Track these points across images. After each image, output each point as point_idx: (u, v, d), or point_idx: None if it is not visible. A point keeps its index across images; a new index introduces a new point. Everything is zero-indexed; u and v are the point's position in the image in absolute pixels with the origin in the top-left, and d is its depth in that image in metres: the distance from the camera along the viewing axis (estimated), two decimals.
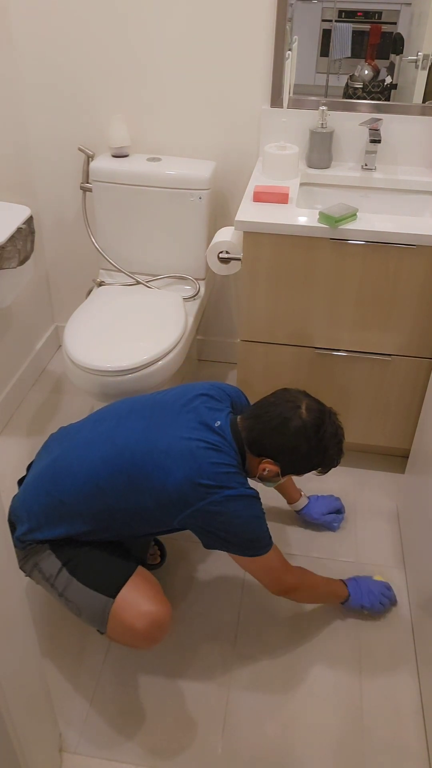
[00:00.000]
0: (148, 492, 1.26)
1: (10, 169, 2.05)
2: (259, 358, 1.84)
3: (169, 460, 1.25)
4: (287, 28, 1.81)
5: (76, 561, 1.33)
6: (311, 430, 1.29)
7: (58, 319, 2.53)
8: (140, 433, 1.31)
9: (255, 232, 1.63)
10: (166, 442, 1.28)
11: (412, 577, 1.63)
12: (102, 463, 1.30)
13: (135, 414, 1.37)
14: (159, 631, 1.28)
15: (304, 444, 1.29)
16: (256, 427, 1.31)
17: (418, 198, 1.87)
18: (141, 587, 1.30)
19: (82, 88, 1.99)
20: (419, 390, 1.82)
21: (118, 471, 1.28)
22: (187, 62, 1.90)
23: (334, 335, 1.77)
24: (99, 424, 1.39)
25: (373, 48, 1.83)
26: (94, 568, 1.33)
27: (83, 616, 1.32)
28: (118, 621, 1.27)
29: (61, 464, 1.35)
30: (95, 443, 1.34)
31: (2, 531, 0.94)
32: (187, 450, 1.26)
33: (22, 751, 1.07)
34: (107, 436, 1.34)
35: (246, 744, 1.35)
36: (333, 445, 1.33)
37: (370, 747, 1.34)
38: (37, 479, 1.38)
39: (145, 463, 1.27)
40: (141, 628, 1.26)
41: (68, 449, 1.37)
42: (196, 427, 1.29)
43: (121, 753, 1.33)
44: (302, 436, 1.28)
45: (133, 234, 2.06)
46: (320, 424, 1.30)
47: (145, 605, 1.27)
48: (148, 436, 1.30)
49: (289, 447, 1.29)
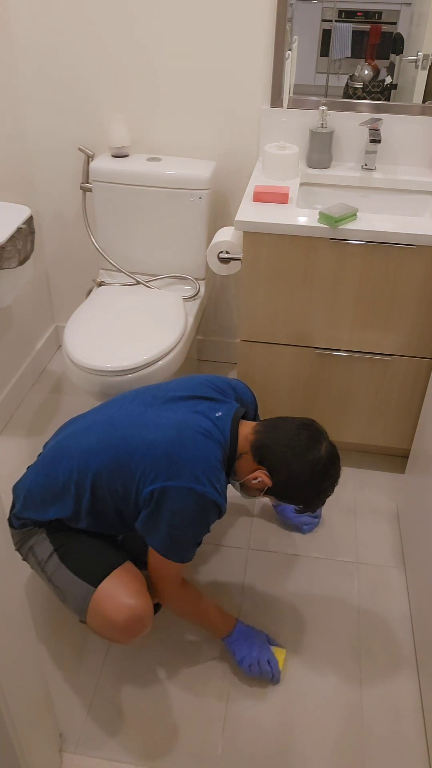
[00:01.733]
0: (130, 468, 1.27)
1: (10, 169, 2.05)
2: (259, 358, 1.84)
3: (155, 434, 1.27)
4: (287, 28, 1.81)
5: (67, 547, 1.35)
6: (320, 468, 1.30)
7: (58, 319, 2.53)
8: (137, 416, 1.34)
9: (255, 232, 1.63)
10: (158, 422, 1.30)
11: (412, 577, 1.63)
12: (97, 442, 1.33)
13: (137, 400, 1.40)
14: (138, 625, 1.27)
15: (307, 475, 1.30)
16: (270, 437, 1.31)
17: (418, 198, 1.87)
18: (124, 580, 1.30)
19: (83, 88, 1.99)
20: (419, 390, 1.82)
21: (107, 447, 1.31)
22: (188, 62, 1.90)
23: (334, 335, 1.77)
24: (103, 410, 1.43)
25: (373, 48, 1.83)
26: (82, 555, 1.34)
27: (67, 603, 1.34)
28: (97, 611, 1.27)
29: (62, 446, 1.39)
30: (96, 426, 1.37)
31: (2, 531, 0.94)
32: (176, 427, 1.27)
33: (22, 751, 1.07)
34: (108, 419, 1.37)
35: (246, 744, 1.35)
36: (325, 493, 1.35)
37: (370, 747, 1.34)
38: (41, 461, 1.42)
39: (133, 439, 1.29)
40: (119, 621, 1.25)
41: (71, 432, 1.41)
42: (194, 413, 1.31)
43: (121, 753, 1.33)
44: (310, 468, 1.29)
45: (133, 234, 2.06)
46: (330, 467, 1.32)
47: (126, 598, 1.27)
48: (143, 419, 1.32)
49: (293, 470, 1.29)
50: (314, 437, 1.31)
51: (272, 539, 1.78)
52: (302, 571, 1.70)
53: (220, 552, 1.75)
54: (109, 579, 1.29)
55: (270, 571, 1.70)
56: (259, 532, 1.81)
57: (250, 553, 1.74)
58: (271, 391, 1.89)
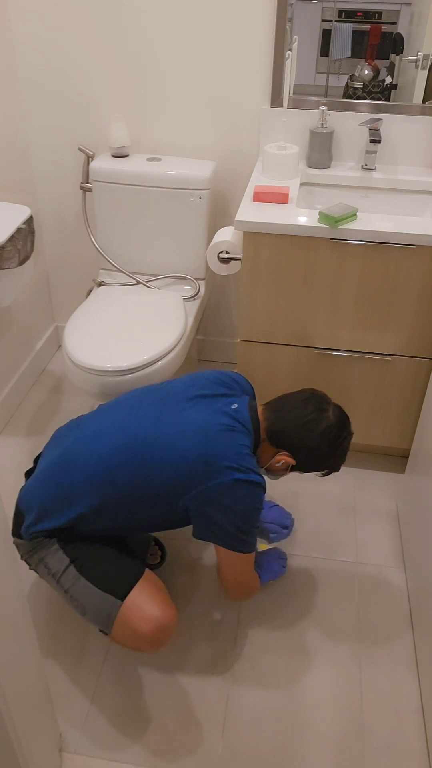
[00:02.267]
0: (159, 475, 1.27)
1: (10, 169, 2.05)
2: (259, 358, 1.84)
3: (183, 441, 1.27)
4: (287, 28, 1.81)
5: (85, 559, 1.33)
6: (334, 434, 1.35)
7: (58, 319, 2.53)
8: (153, 419, 1.33)
9: (255, 232, 1.63)
10: (181, 425, 1.30)
11: (412, 577, 1.63)
12: (115, 450, 1.31)
13: (146, 403, 1.38)
14: (164, 635, 1.29)
15: (325, 445, 1.35)
16: (280, 420, 1.35)
17: (418, 198, 1.87)
18: (149, 591, 1.30)
19: (83, 88, 1.99)
20: (419, 390, 1.82)
21: (130, 457, 1.29)
22: (188, 62, 1.90)
23: (334, 335, 1.77)
24: (109, 415, 1.40)
25: (373, 48, 1.83)
26: (102, 567, 1.33)
27: (88, 615, 1.32)
28: (124, 623, 1.27)
29: (72, 454, 1.35)
30: (107, 433, 1.35)
31: (2, 531, 0.94)
32: (202, 430, 1.28)
33: (22, 751, 1.07)
34: (119, 425, 1.35)
35: (246, 744, 1.35)
36: (346, 448, 1.40)
37: (370, 747, 1.34)
38: (48, 470, 1.38)
39: (159, 446, 1.28)
40: (147, 633, 1.26)
41: (79, 440, 1.38)
42: (213, 412, 1.31)
43: (121, 753, 1.33)
44: (326, 437, 1.34)
45: (133, 234, 2.06)
46: (342, 429, 1.37)
47: (153, 609, 1.27)
48: (162, 422, 1.32)
49: (311, 446, 1.35)
50: (319, 407, 1.36)
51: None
52: (302, 571, 1.70)
53: None
54: (135, 591, 1.29)
55: None
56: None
57: None
58: (271, 391, 1.88)
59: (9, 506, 1.81)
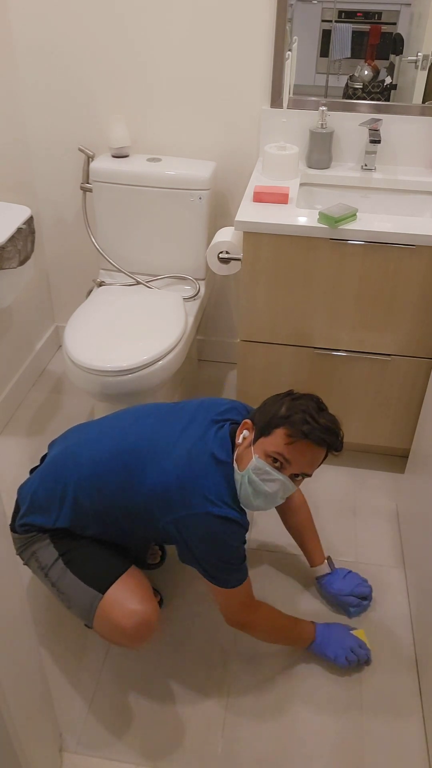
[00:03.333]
0: (140, 490, 1.27)
1: (10, 169, 2.05)
2: (259, 358, 1.84)
3: (167, 460, 1.26)
4: (287, 29, 1.81)
5: (73, 553, 1.35)
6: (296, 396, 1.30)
7: (58, 319, 2.53)
8: (151, 433, 1.33)
9: (255, 232, 1.63)
10: (171, 444, 1.29)
11: (412, 577, 1.63)
12: (108, 455, 1.32)
13: (152, 417, 1.38)
14: (145, 630, 1.28)
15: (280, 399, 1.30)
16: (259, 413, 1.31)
17: (417, 198, 1.87)
18: (131, 585, 1.30)
19: (83, 88, 2.00)
20: (419, 390, 1.82)
21: (119, 465, 1.30)
22: (188, 62, 1.90)
23: (334, 335, 1.77)
24: (116, 421, 1.42)
25: (372, 48, 1.83)
26: (88, 561, 1.34)
27: (72, 609, 1.34)
28: (105, 617, 1.28)
29: (71, 452, 1.38)
30: (107, 437, 1.37)
31: (2, 531, 0.94)
32: (188, 454, 1.26)
33: (22, 751, 1.07)
34: (120, 432, 1.37)
35: (246, 744, 1.35)
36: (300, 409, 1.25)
37: (370, 747, 1.34)
38: (48, 465, 1.41)
39: (145, 459, 1.28)
40: (128, 627, 1.26)
41: (81, 440, 1.40)
42: (205, 436, 1.29)
43: (121, 753, 1.33)
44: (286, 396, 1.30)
45: (133, 234, 2.06)
46: (299, 397, 1.30)
47: (133, 604, 1.27)
48: (158, 438, 1.31)
49: (265, 403, 1.32)
50: (293, 393, 1.32)
51: (272, 539, 1.78)
52: (302, 571, 1.70)
53: None
54: (116, 585, 1.29)
55: (270, 571, 1.70)
56: (259, 532, 1.81)
57: (250, 553, 1.74)
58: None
59: (9, 506, 1.81)
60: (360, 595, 1.58)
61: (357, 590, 1.58)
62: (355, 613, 1.58)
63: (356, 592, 1.57)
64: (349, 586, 1.58)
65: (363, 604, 1.58)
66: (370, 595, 1.60)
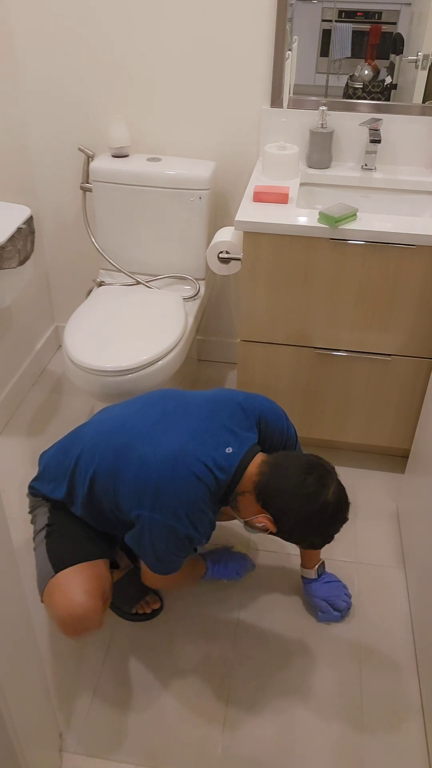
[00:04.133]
0: (124, 477, 1.28)
1: (10, 169, 2.05)
2: (259, 358, 1.84)
3: (153, 457, 1.26)
4: (287, 28, 1.81)
5: (57, 526, 1.39)
6: (329, 514, 1.22)
7: (58, 319, 2.53)
8: (152, 424, 1.33)
9: (255, 232, 1.63)
10: (160, 443, 1.28)
11: (412, 577, 1.63)
12: (106, 440, 1.34)
13: (158, 406, 1.38)
14: (77, 623, 1.26)
15: (315, 523, 1.23)
16: (276, 481, 1.23)
17: (418, 198, 1.87)
18: (84, 576, 1.30)
19: (83, 88, 1.99)
20: (419, 390, 1.82)
21: (110, 448, 1.32)
22: (188, 62, 1.90)
23: (334, 335, 1.77)
24: (129, 405, 1.43)
25: (373, 48, 1.83)
26: (64, 539, 1.37)
27: (36, 578, 1.37)
28: (49, 596, 1.30)
29: (85, 429, 1.42)
30: (113, 420, 1.39)
31: (2, 532, 0.94)
32: (173, 461, 1.24)
33: (22, 751, 1.07)
34: (123, 418, 1.38)
35: (246, 744, 1.35)
36: (334, 532, 1.28)
37: (370, 747, 1.34)
38: (66, 438, 1.46)
39: (135, 451, 1.28)
40: (61, 613, 1.26)
41: (98, 419, 1.44)
42: (199, 444, 1.27)
43: (121, 753, 1.33)
44: (319, 515, 1.22)
45: (133, 234, 2.06)
46: (339, 511, 1.24)
47: (77, 594, 1.27)
48: (152, 430, 1.31)
49: (300, 518, 1.22)
50: (321, 481, 1.22)
51: (272, 539, 1.78)
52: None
53: None
54: (70, 570, 1.31)
55: (270, 571, 1.70)
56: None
57: (250, 553, 1.74)
58: (271, 392, 1.89)
59: (9, 506, 1.81)
60: (334, 605, 1.57)
61: (332, 599, 1.57)
62: (322, 619, 1.58)
63: (330, 600, 1.57)
64: (326, 592, 1.58)
65: (333, 614, 1.56)
66: (345, 610, 1.58)
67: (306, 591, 1.61)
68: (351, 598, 1.60)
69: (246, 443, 1.29)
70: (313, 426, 1.95)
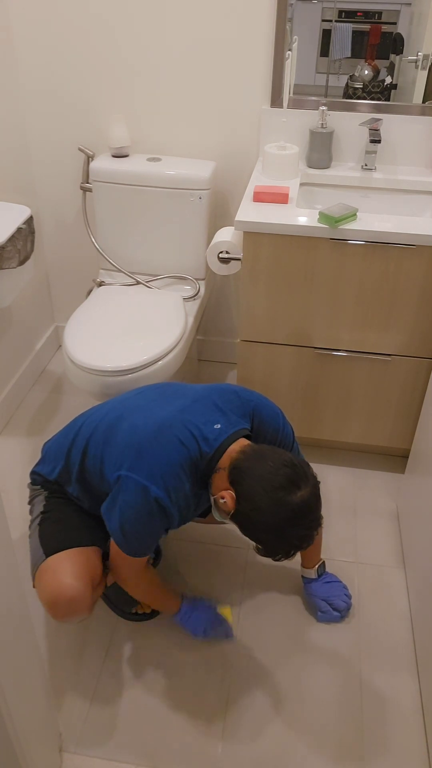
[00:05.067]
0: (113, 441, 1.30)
1: (11, 170, 2.05)
2: (259, 358, 1.84)
3: (139, 423, 1.29)
4: (287, 28, 1.81)
5: (51, 513, 1.40)
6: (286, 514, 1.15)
7: (58, 319, 2.53)
8: (144, 402, 1.37)
9: (255, 232, 1.63)
10: (152, 413, 1.31)
11: (412, 577, 1.63)
12: (103, 415, 1.38)
13: (158, 389, 1.43)
14: (66, 606, 1.26)
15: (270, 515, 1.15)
16: (250, 462, 1.20)
17: (418, 198, 1.87)
18: (74, 560, 1.31)
19: (83, 88, 1.99)
20: (419, 390, 1.82)
21: (106, 422, 1.35)
22: (188, 62, 1.90)
23: (334, 335, 1.77)
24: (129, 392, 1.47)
25: (373, 48, 1.83)
26: (57, 525, 1.38)
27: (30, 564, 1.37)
28: (39, 580, 1.31)
29: (83, 415, 1.46)
30: (113, 402, 1.43)
31: (2, 532, 0.94)
32: (159, 426, 1.27)
33: (22, 751, 1.07)
34: (124, 399, 1.43)
35: (246, 744, 1.35)
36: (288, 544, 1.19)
37: (370, 747, 1.34)
38: (66, 426, 1.49)
39: (126, 418, 1.32)
40: (50, 596, 1.27)
41: (96, 406, 1.47)
42: (190, 414, 1.28)
43: (121, 753, 1.33)
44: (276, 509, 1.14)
45: (133, 234, 2.06)
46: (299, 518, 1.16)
47: (65, 577, 1.27)
48: (148, 405, 1.35)
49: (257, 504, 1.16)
50: (294, 480, 1.16)
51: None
52: None
53: (220, 552, 1.75)
54: (61, 554, 1.31)
55: (270, 571, 1.70)
56: None
57: (251, 553, 1.74)
58: (271, 392, 1.89)
59: (9, 506, 1.81)
60: (333, 605, 1.57)
61: (331, 599, 1.57)
62: (322, 619, 1.57)
63: (330, 600, 1.57)
64: (326, 592, 1.58)
65: (333, 614, 1.56)
66: (345, 610, 1.58)
67: (306, 591, 1.61)
68: (351, 599, 1.60)
69: (235, 425, 1.30)
70: (313, 426, 1.95)
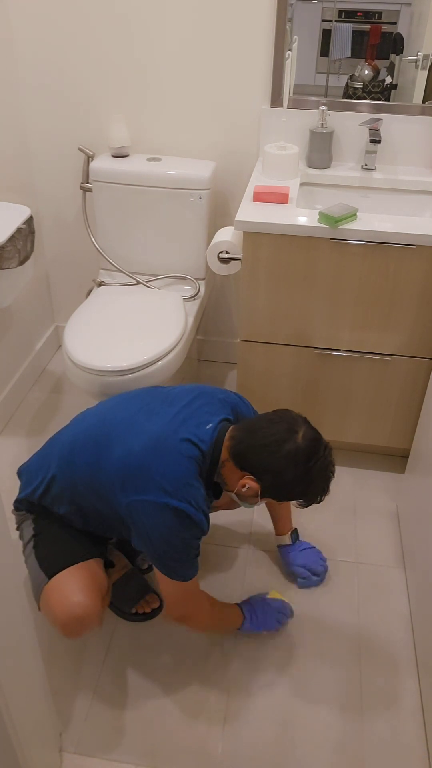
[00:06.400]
0: (105, 467, 1.27)
1: (10, 169, 2.05)
2: (259, 358, 1.84)
3: (136, 439, 1.26)
4: (287, 28, 1.81)
5: (43, 535, 1.38)
6: (302, 458, 1.21)
7: (58, 319, 2.53)
8: (128, 416, 1.33)
9: (255, 232, 1.63)
10: (143, 428, 1.28)
11: (412, 577, 1.63)
12: (85, 432, 1.35)
13: (137, 399, 1.39)
14: (77, 624, 1.26)
15: (291, 469, 1.21)
16: (245, 440, 1.24)
17: (418, 198, 1.87)
18: (78, 577, 1.30)
19: (83, 88, 1.99)
20: (419, 390, 1.82)
21: (92, 441, 1.32)
22: (188, 62, 1.90)
23: (334, 335, 1.77)
24: (104, 404, 1.44)
25: (373, 48, 1.83)
26: (51, 545, 1.36)
27: (32, 590, 1.36)
28: (46, 602, 1.29)
29: (63, 430, 1.44)
30: (90, 417, 1.40)
31: (2, 531, 0.94)
32: (157, 438, 1.25)
33: (22, 751, 1.07)
34: (100, 413, 1.39)
35: (246, 744, 1.35)
36: (320, 479, 1.25)
37: (370, 747, 1.34)
38: (46, 443, 1.46)
39: (115, 435, 1.29)
40: (60, 616, 1.26)
41: (72, 422, 1.44)
42: (182, 425, 1.27)
43: (121, 753, 1.33)
44: (291, 461, 1.20)
45: (133, 234, 2.06)
46: (313, 454, 1.22)
47: (74, 595, 1.26)
48: (133, 418, 1.32)
49: (275, 469, 1.21)
50: (288, 428, 1.22)
51: (272, 539, 1.77)
52: None
53: (220, 552, 1.75)
54: (63, 573, 1.30)
55: (270, 571, 1.70)
56: (259, 533, 1.81)
57: (250, 553, 1.74)
58: (271, 392, 1.89)
59: (9, 506, 1.81)
60: (312, 569, 1.63)
61: (309, 564, 1.63)
62: (302, 585, 1.64)
63: (308, 566, 1.63)
64: (303, 559, 1.64)
65: (312, 579, 1.63)
66: (323, 573, 1.64)
67: (284, 560, 1.67)
68: (326, 561, 1.66)
69: (220, 420, 1.32)
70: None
